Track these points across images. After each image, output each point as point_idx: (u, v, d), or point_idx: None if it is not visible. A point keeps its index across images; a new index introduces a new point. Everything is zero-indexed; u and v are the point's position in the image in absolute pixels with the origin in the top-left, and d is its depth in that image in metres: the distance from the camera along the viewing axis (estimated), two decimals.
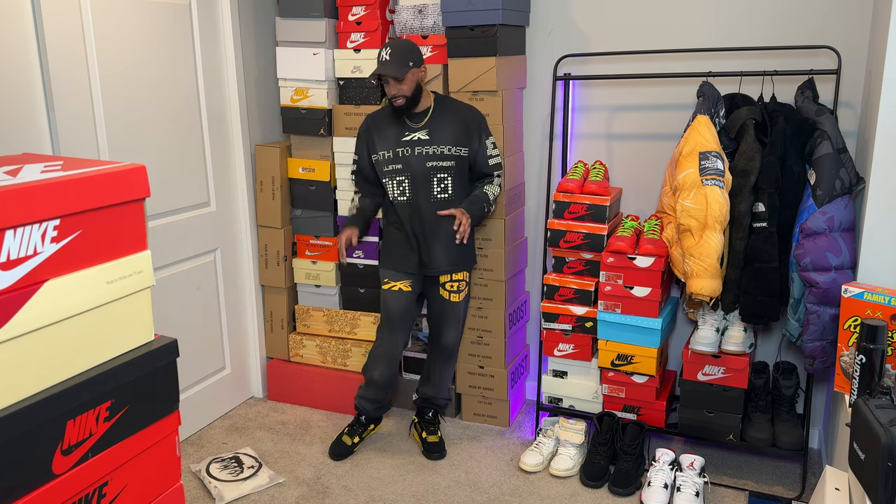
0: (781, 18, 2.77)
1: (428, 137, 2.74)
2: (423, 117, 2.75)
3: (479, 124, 2.78)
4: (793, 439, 2.62)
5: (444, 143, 2.74)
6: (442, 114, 2.76)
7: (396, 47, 2.63)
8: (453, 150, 2.75)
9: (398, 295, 2.84)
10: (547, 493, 2.71)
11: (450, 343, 2.93)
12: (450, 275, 2.84)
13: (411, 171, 2.74)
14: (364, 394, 2.98)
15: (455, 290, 2.86)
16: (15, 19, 2.30)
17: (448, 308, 2.87)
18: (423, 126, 2.75)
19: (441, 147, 2.74)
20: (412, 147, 2.74)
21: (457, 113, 2.77)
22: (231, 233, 3.29)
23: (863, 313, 2.04)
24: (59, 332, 1.46)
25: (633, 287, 2.74)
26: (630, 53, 2.76)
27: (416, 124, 2.75)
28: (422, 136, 2.74)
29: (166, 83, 2.88)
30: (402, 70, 2.61)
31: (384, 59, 2.62)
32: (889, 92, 2.13)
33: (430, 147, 2.73)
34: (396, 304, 2.85)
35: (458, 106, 2.79)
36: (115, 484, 1.59)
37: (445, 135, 2.74)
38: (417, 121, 2.75)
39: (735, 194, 2.45)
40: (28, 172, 1.48)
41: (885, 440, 1.53)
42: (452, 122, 2.75)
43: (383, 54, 2.63)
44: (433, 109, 2.76)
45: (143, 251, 1.63)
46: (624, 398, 2.88)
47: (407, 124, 2.76)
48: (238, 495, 2.69)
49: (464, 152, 2.77)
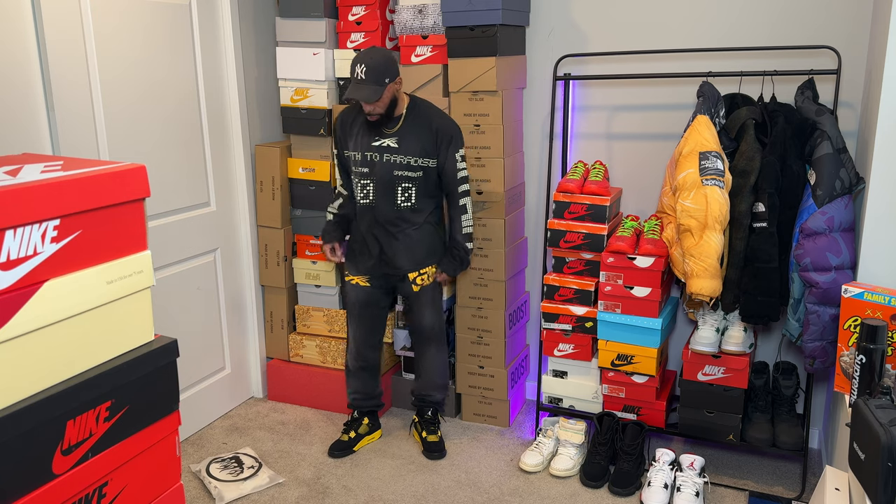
0: (781, 18, 2.77)
1: (397, 146, 2.72)
2: (396, 124, 2.73)
3: (450, 136, 2.75)
4: (793, 439, 2.62)
5: (412, 154, 2.72)
6: (414, 122, 2.73)
7: (371, 65, 2.55)
8: (420, 162, 2.74)
9: (355, 288, 2.91)
10: (547, 493, 2.71)
11: (430, 325, 2.94)
12: (416, 271, 2.86)
13: (377, 177, 2.74)
14: (347, 384, 3.07)
15: (426, 279, 2.90)
16: (15, 19, 2.30)
17: (419, 294, 2.89)
18: (394, 133, 2.72)
19: (409, 157, 2.72)
20: (381, 153, 2.73)
21: (429, 122, 2.74)
22: (231, 233, 3.29)
23: (863, 313, 2.04)
24: (59, 332, 1.46)
25: (633, 287, 2.74)
26: (630, 53, 2.76)
27: (388, 130, 2.74)
28: (391, 144, 2.72)
29: (166, 83, 2.87)
30: (378, 92, 2.57)
31: (360, 78, 2.56)
32: (889, 92, 2.13)
33: (398, 156, 2.72)
34: (354, 296, 2.93)
35: (432, 114, 2.76)
36: (115, 484, 1.59)
37: (414, 145, 2.72)
38: (389, 126, 2.74)
39: (735, 194, 2.45)
40: (28, 172, 1.48)
41: (885, 440, 1.53)
42: (423, 133, 2.73)
43: (358, 72, 2.56)
44: (405, 117, 2.73)
45: (143, 251, 1.63)
46: (624, 398, 2.88)
47: (378, 129, 2.74)
48: (238, 495, 2.69)
49: (431, 164, 2.76)
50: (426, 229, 2.83)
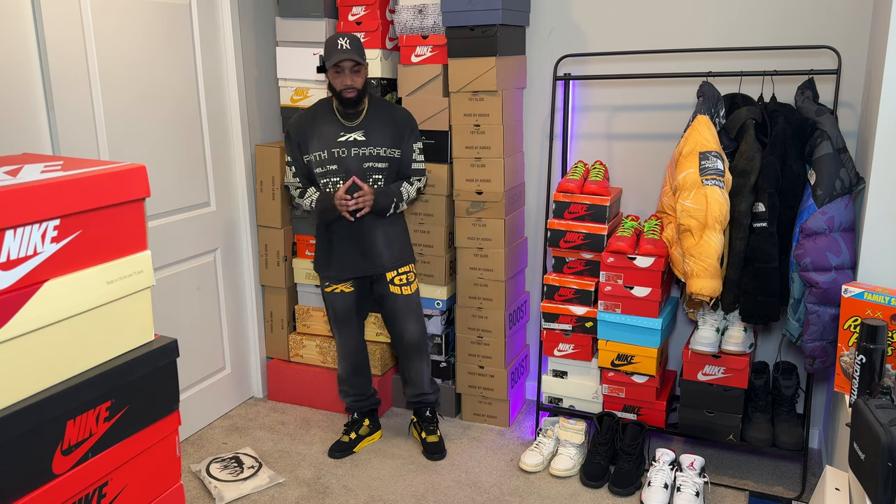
0: (781, 18, 2.77)
1: (364, 138, 2.74)
2: (358, 117, 2.75)
3: (410, 127, 2.81)
4: (793, 439, 2.62)
5: (380, 145, 2.75)
6: (377, 114, 2.77)
7: (354, 39, 2.66)
8: (388, 152, 2.76)
9: (341, 297, 2.89)
10: (547, 493, 2.71)
11: (414, 338, 2.94)
12: (395, 269, 2.85)
13: (347, 173, 2.74)
14: (340, 388, 3.06)
15: (405, 283, 2.88)
16: (15, 19, 2.30)
17: (402, 303, 2.88)
18: (359, 126, 2.74)
19: (377, 148, 2.74)
20: (348, 147, 2.74)
21: (391, 114, 2.79)
22: (231, 233, 3.29)
23: (863, 313, 2.04)
24: (59, 332, 1.46)
25: (633, 287, 2.74)
26: (630, 53, 2.75)
27: (352, 123, 2.75)
28: (358, 137, 2.73)
29: (166, 83, 2.87)
30: (363, 58, 2.64)
31: (344, 48, 2.61)
32: (889, 92, 2.13)
33: (367, 148, 2.74)
34: (342, 305, 2.90)
35: (391, 107, 2.82)
36: (115, 484, 1.59)
37: (381, 136, 2.75)
38: (352, 120, 2.75)
39: (735, 194, 2.45)
40: (28, 172, 1.48)
41: (885, 440, 1.53)
42: (387, 124, 2.76)
43: (342, 43, 2.62)
44: (367, 109, 2.77)
45: (143, 251, 1.63)
46: (624, 398, 2.88)
47: (342, 124, 2.75)
48: (238, 495, 2.69)
49: (397, 154, 2.79)
50: (400, 224, 2.87)
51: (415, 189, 2.86)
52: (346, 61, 2.62)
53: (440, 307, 3.20)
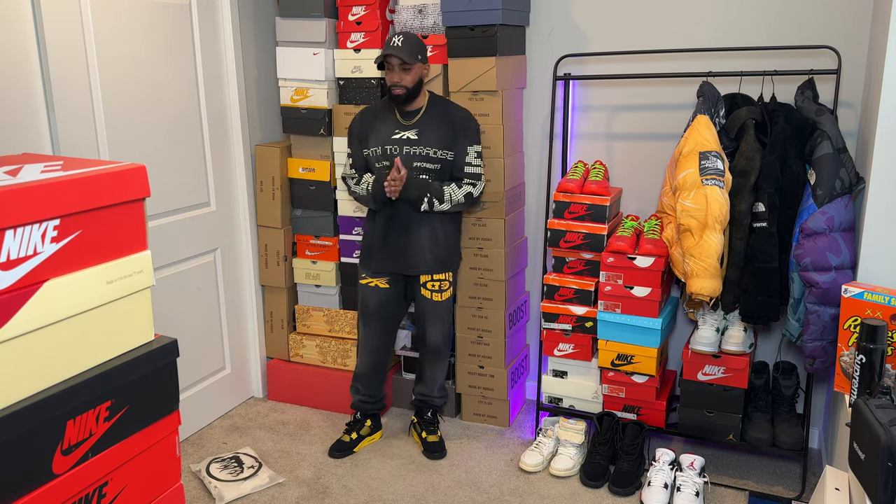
0: (781, 18, 2.77)
1: (417, 137, 2.74)
2: (415, 116, 2.76)
3: (467, 129, 2.77)
4: (793, 439, 2.62)
5: (432, 146, 2.74)
6: (434, 115, 2.76)
7: (409, 37, 2.66)
8: (440, 154, 2.75)
9: (374, 291, 2.87)
10: (547, 493, 2.71)
11: (435, 343, 2.93)
12: (430, 275, 2.84)
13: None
14: (352, 384, 3.04)
15: (437, 290, 2.86)
16: (15, 19, 2.30)
17: (430, 308, 2.88)
18: (414, 125, 2.75)
19: (429, 149, 2.74)
20: (400, 146, 2.74)
21: (449, 115, 2.77)
22: (231, 233, 3.29)
23: (863, 313, 2.04)
24: (59, 332, 1.46)
25: (633, 287, 2.74)
26: (630, 53, 2.76)
27: (407, 122, 2.75)
28: (411, 136, 2.74)
29: (166, 83, 2.87)
30: (413, 57, 2.63)
31: (395, 45, 2.62)
32: (889, 92, 2.13)
33: (418, 147, 2.73)
34: (373, 300, 2.88)
35: (453, 108, 2.80)
36: (115, 484, 1.59)
37: (434, 137, 2.74)
38: (409, 118, 2.76)
39: (735, 194, 2.45)
40: (28, 172, 1.48)
41: (885, 440, 1.53)
42: (443, 124, 2.75)
43: (395, 40, 2.64)
44: (426, 109, 2.77)
45: (143, 251, 1.63)
46: (624, 398, 2.88)
47: (398, 122, 2.76)
48: (238, 495, 2.69)
49: (450, 156, 2.77)
50: (448, 228, 2.83)
51: (463, 193, 2.75)
52: (394, 58, 2.63)
53: None
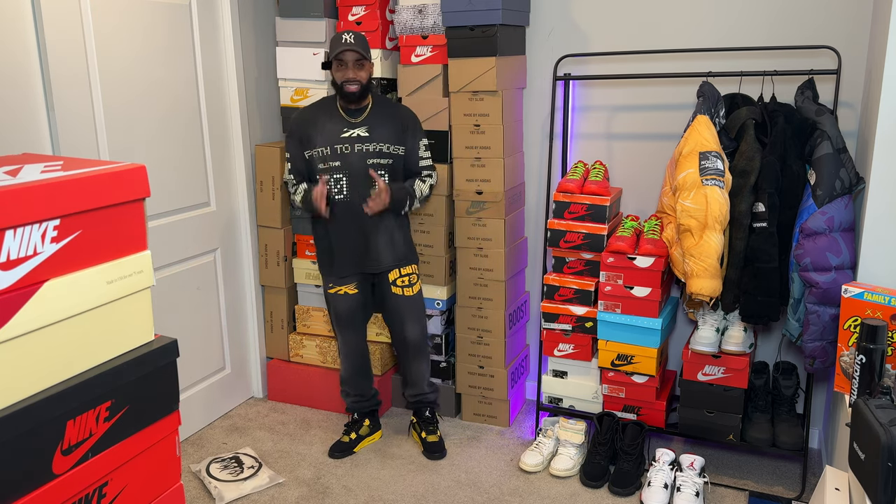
0: (781, 18, 2.77)
1: (368, 134, 2.74)
2: (362, 114, 2.76)
3: (414, 125, 2.84)
4: (793, 439, 2.62)
5: (384, 141, 2.76)
6: (380, 112, 2.78)
7: (359, 35, 2.69)
8: (392, 149, 2.77)
9: (344, 298, 2.88)
10: (547, 493, 2.71)
11: (415, 338, 2.94)
12: (397, 269, 2.85)
13: (350, 169, 2.73)
14: (342, 389, 3.06)
15: (407, 285, 2.88)
16: (15, 19, 2.30)
17: (404, 303, 2.88)
18: (362, 122, 2.75)
19: (381, 145, 2.75)
20: (351, 144, 2.74)
21: (394, 112, 2.81)
22: (231, 233, 3.29)
23: (863, 313, 2.04)
24: (59, 332, 1.46)
25: (633, 287, 2.74)
26: (630, 53, 2.76)
27: (356, 120, 2.75)
28: (361, 133, 2.74)
29: (166, 83, 2.87)
30: (368, 53, 2.66)
31: (349, 41, 2.64)
32: (889, 92, 2.13)
33: (370, 144, 2.74)
34: (344, 307, 2.89)
35: (394, 105, 2.85)
36: (115, 484, 1.59)
37: (385, 133, 2.76)
38: (356, 116, 2.76)
39: (735, 194, 2.45)
40: (28, 172, 1.48)
41: (885, 440, 1.53)
42: (391, 121, 2.78)
43: (347, 38, 2.65)
44: (371, 107, 2.78)
45: (143, 251, 1.63)
46: (624, 398, 2.88)
47: (346, 120, 2.75)
48: (238, 495, 2.69)
49: (401, 151, 2.80)
50: (403, 223, 2.87)
51: (427, 186, 2.85)
52: (350, 52, 2.64)
53: (440, 307, 3.20)
